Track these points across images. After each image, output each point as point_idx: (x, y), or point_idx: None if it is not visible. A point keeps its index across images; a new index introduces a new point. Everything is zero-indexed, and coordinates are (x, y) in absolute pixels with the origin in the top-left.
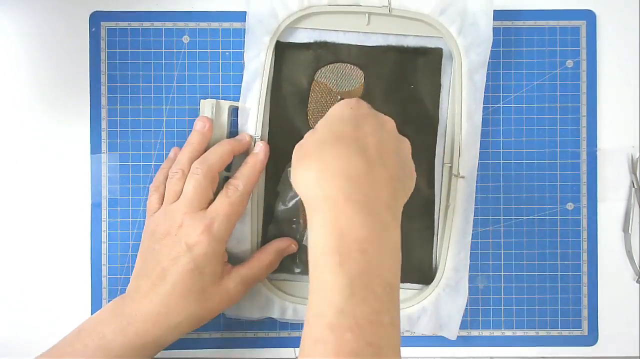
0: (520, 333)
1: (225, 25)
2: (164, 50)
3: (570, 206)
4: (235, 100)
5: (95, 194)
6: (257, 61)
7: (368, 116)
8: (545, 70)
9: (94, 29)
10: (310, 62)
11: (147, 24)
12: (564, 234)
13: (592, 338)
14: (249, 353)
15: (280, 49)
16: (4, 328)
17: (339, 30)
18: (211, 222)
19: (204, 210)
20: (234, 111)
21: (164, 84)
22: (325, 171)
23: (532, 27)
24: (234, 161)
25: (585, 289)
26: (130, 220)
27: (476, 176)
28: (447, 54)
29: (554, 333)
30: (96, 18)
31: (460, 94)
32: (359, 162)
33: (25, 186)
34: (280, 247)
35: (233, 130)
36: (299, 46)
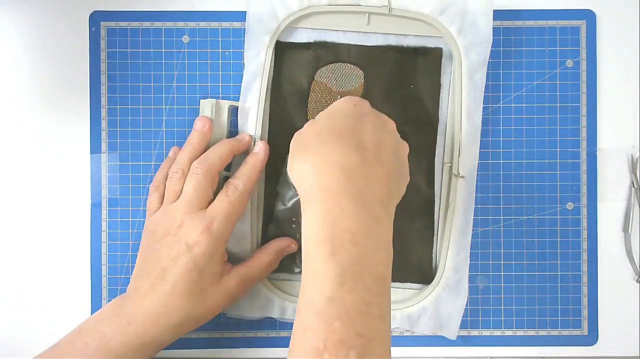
0: (520, 332)
1: (225, 25)
2: (164, 50)
3: (570, 206)
4: (235, 100)
5: (95, 194)
6: (257, 61)
7: (370, 114)
8: (545, 70)
9: (94, 28)
10: (310, 62)
11: (147, 24)
12: (564, 234)
13: (592, 338)
14: (249, 353)
15: (280, 48)
16: (4, 328)
17: (338, 30)
18: (211, 222)
19: (203, 210)
20: (233, 111)
21: (164, 84)
22: (322, 163)
23: (532, 27)
24: (234, 161)
25: (585, 289)
26: (130, 220)
27: (476, 175)
28: (447, 54)
29: (554, 333)
30: (96, 18)
31: (460, 93)
32: (356, 157)
33: (25, 186)
34: (280, 247)
35: (233, 130)
36: (299, 46)
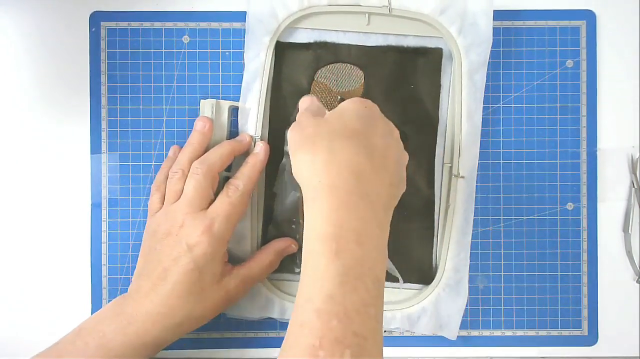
0: (520, 333)
1: (225, 25)
2: (164, 50)
3: (570, 206)
4: (235, 100)
5: (95, 194)
6: (257, 61)
7: (379, 119)
8: (545, 70)
9: (94, 29)
10: (310, 62)
11: (147, 24)
12: (564, 234)
13: (592, 338)
14: (249, 353)
15: (280, 49)
16: (4, 328)
17: (339, 30)
18: (212, 223)
19: (204, 210)
20: (234, 111)
21: (164, 84)
22: (333, 161)
23: (532, 27)
24: (235, 161)
25: (585, 289)
26: (130, 220)
27: (476, 176)
28: (447, 54)
29: (554, 333)
30: (96, 18)
31: (460, 94)
32: (365, 160)
33: (25, 186)
34: (280, 247)
35: (233, 130)
36: (299, 46)
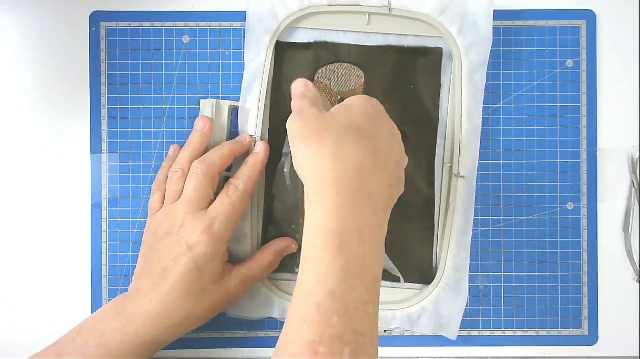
0: (520, 332)
1: (225, 25)
2: (164, 50)
3: (570, 206)
4: (235, 100)
5: (96, 194)
6: (257, 61)
7: (385, 119)
8: (545, 70)
9: (94, 28)
10: (311, 62)
11: (147, 24)
12: (564, 234)
13: (592, 338)
14: (249, 353)
15: (280, 49)
16: (4, 328)
17: (339, 30)
18: (212, 223)
19: (204, 210)
20: (234, 111)
21: (164, 84)
22: (341, 157)
23: (532, 27)
24: (235, 161)
25: (585, 289)
26: (131, 220)
27: (476, 176)
28: (447, 54)
29: (554, 333)
30: (96, 18)
31: (460, 94)
32: (371, 159)
33: (25, 186)
34: (280, 247)
35: (233, 130)
36: (299, 46)
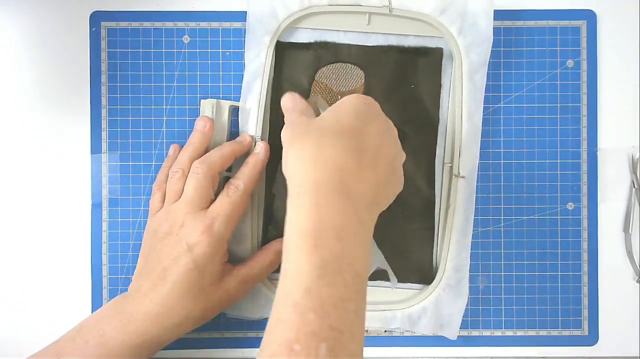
0: (520, 333)
1: (226, 25)
2: (164, 50)
3: (570, 206)
4: (235, 100)
5: (96, 194)
6: (258, 61)
7: (378, 116)
8: (545, 70)
9: (94, 28)
10: (311, 62)
11: (147, 24)
12: (564, 234)
13: (592, 338)
14: (249, 353)
15: (280, 49)
16: (4, 328)
17: (339, 30)
18: (212, 222)
19: (204, 210)
20: (234, 111)
21: (164, 84)
22: (320, 158)
23: (533, 27)
24: (235, 161)
25: (585, 289)
26: (131, 220)
27: (476, 176)
28: (448, 54)
29: (554, 333)
30: (96, 18)
31: (460, 94)
32: (352, 159)
33: (25, 186)
34: (280, 247)
35: (234, 130)
36: (299, 46)
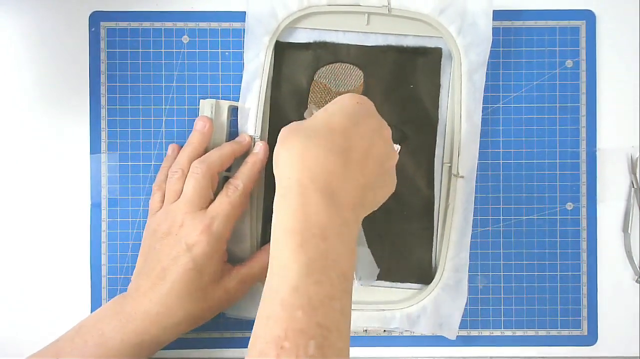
0: (520, 333)
1: (225, 25)
2: (163, 50)
3: (569, 206)
4: (235, 100)
5: (95, 194)
6: (257, 61)
7: (370, 116)
8: (544, 70)
9: (93, 29)
10: (310, 62)
11: (147, 24)
12: (563, 234)
13: (592, 338)
14: None
15: (279, 49)
16: (4, 328)
17: (338, 30)
18: (211, 222)
19: (204, 210)
20: (233, 111)
21: (164, 84)
22: (306, 158)
23: (532, 27)
24: (234, 162)
25: (585, 289)
26: (130, 220)
27: (476, 175)
28: (447, 54)
29: (554, 333)
30: (96, 18)
31: (459, 94)
32: (339, 161)
33: (25, 186)
34: None
35: (233, 130)
36: (299, 46)
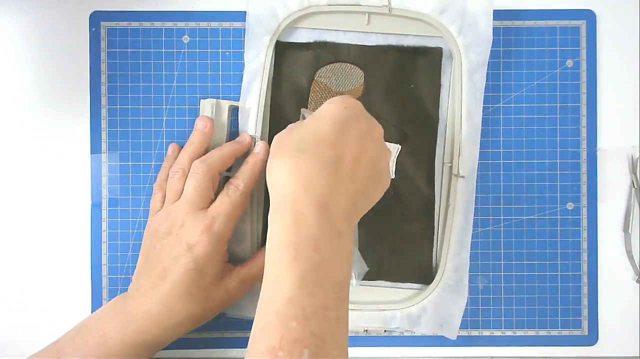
0: (520, 332)
1: (225, 25)
2: (164, 50)
3: (570, 206)
4: (235, 100)
5: (96, 194)
6: (257, 61)
7: (359, 119)
8: (545, 70)
9: (94, 28)
10: (310, 62)
11: (147, 24)
12: (564, 234)
13: (592, 337)
14: None
15: (280, 48)
16: (4, 328)
17: (338, 30)
18: (212, 222)
19: (204, 210)
20: (234, 111)
21: (164, 84)
22: (298, 173)
23: (532, 27)
24: (235, 162)
25: (585, 289)
26: (131, 220)
27: (476, 175)
28: (447, 54)
29: (554, 332)
30: (96, 18)
31: (460, 93)
32: (329, 173)
33: (25, 186)
34: None
35: (233, 130)
36: (299, 46)
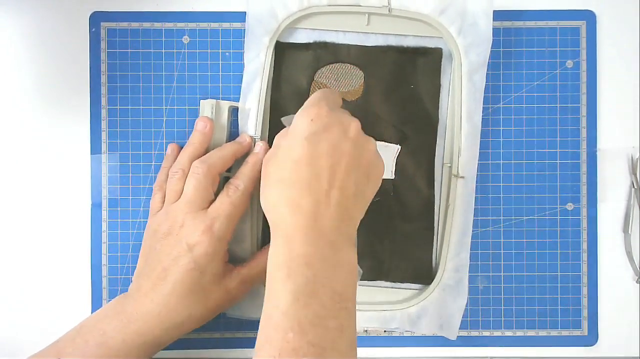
0: (520, 333)
1: (225, 25)
2: (164, 50)
3: (570, 206)
4: (235, 100)
5: (95, 194)
6: (257, 61)
7: (328, 126)
8: (545, 70)
9: (94, 29)
10: (310, 63)
11: (147, 25)
12: (563, 234)
13: (592, 338)
14: (249, 353)
15: (280, 49)
16: (4, 328)
17: (338, 30)
18: (212, 223)
19: (205, 210)
20: (234, 111)
21: (164, 84)
22: (284, 199)
23: (532, 27)
24: (235, 162)
25: (585, 290)
26: (131, 220)
27: (476, 176)
28: (447, 54)
29: (554, 333)
30: (96, 18)
31: (460, 94)
32: (312, 193)
33: (25, 186)
34: None
35: (233, 130)
36: (299, 46)
